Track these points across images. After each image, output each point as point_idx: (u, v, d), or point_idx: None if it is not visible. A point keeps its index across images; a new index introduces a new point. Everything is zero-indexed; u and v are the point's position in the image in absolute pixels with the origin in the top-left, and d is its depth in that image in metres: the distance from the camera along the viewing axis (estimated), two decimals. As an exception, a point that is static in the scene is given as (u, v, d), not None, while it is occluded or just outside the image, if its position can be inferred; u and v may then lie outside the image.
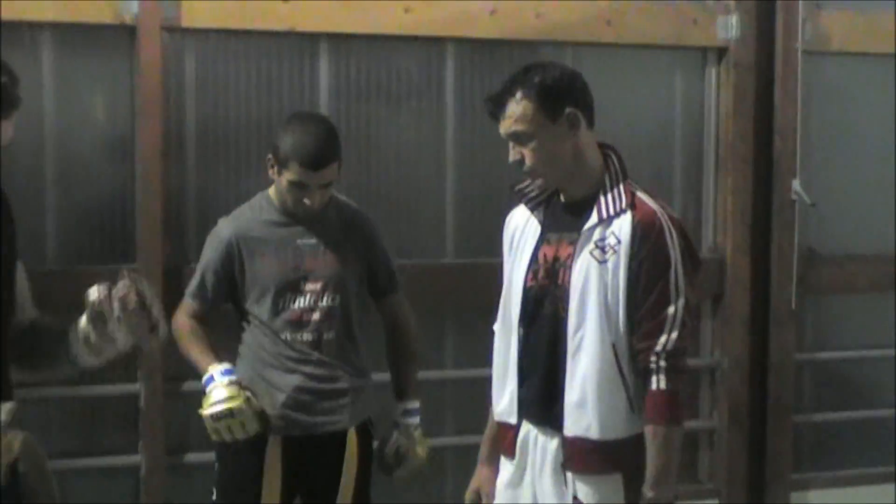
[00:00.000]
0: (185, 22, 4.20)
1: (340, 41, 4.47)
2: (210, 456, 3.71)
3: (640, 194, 3.00)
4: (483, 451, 3.33)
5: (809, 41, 4.93)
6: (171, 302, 4.00)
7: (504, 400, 3.11)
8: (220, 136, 4.35)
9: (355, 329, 3.56)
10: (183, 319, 3.57)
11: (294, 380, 3.46)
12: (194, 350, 3.51)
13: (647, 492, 2.92)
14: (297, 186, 3.40)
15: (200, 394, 3.50)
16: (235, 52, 4.37)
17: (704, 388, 5.06)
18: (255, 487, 3.48)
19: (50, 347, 2.60)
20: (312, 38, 4.43)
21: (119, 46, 4.20)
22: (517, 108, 2.94)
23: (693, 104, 4.96)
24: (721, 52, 4.89)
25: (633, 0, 4.76)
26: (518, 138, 2.96)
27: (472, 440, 4.66)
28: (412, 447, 3.62)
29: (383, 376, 3.77)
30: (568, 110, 2.95)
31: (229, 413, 3.32)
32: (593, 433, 2.94)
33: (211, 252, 3.56)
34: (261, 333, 3.49)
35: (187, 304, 3.60)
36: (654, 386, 2.90)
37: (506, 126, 2.97)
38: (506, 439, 3.14)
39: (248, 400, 3.36)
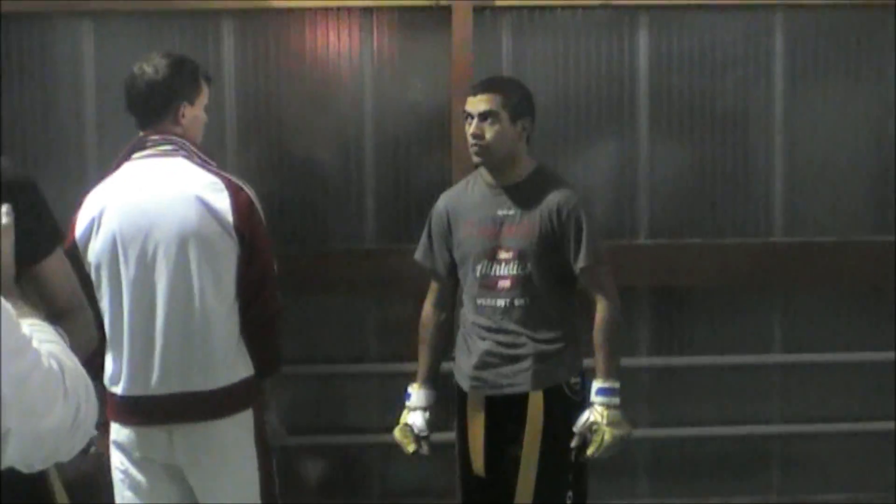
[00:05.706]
0: (499, 0, 4.20)
1: (661, 13, 4.33)
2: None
3: None
4: None
5: None
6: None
7: None
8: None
9: (547, 297, 3.49)
10: (427, 309, 3.75)
11: (485, 345, 3.52)
12: (419, 354, 3.74)
13: None
14: (464, 118, 3.51)
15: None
16: (552, 28, 4.32)
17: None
18: (463, 434, 3.62)
19: None
20: (631, 11, 4.31)
21: (436, 28, 4.24)
22: None
23: None
24: None
25: None
26: None
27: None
28: (601, 427, 3.45)
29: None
30: None
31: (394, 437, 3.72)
32: None
33: (432, 226, 3.67)
34: (465, 299, 3.60)
35: (432, 283, 3.73)
36: None
37: None
38: None
39: (404, 426, 3.67)
